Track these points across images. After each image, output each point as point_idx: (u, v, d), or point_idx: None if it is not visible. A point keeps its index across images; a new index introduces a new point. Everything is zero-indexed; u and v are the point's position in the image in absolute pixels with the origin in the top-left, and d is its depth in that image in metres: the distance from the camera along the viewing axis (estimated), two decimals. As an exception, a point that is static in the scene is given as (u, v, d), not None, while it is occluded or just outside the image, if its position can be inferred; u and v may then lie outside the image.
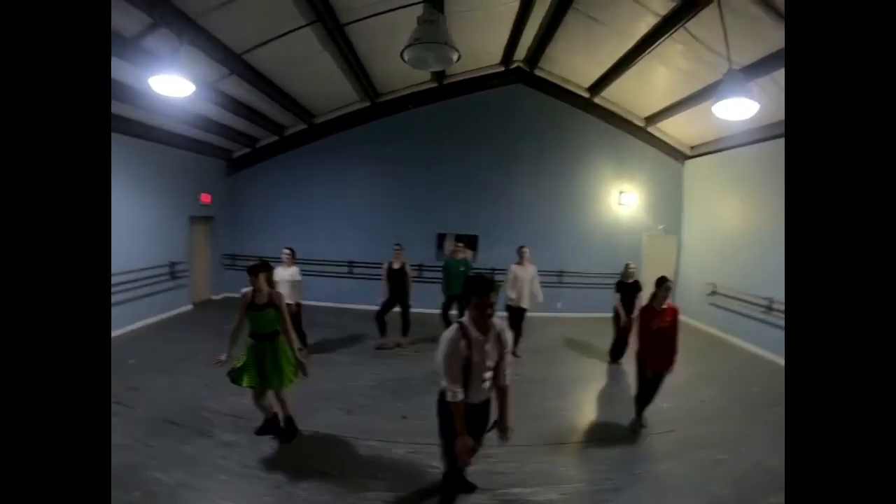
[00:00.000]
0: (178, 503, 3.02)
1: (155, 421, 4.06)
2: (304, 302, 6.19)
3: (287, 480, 3.34)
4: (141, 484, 3.15)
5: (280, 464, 3.53)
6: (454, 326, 2.57)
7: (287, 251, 5.99)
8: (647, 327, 4.20)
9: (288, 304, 4.42)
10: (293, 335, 3.81)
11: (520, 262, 6.33)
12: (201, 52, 4.96)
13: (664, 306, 4.20)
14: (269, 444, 3.81)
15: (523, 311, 6.32)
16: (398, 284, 6.48)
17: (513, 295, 6.22)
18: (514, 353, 6.09)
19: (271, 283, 3.85)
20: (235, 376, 3.62)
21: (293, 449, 3.79)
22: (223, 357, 3.50)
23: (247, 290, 3.62)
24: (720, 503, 3.28)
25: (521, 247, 6.40)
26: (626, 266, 6.36)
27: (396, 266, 6.50)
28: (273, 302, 3.64)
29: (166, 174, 7.52)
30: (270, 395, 3.79)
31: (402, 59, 3.97)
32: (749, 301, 7.53)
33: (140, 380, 4.92)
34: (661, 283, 4.22)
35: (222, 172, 9.38)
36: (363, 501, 3.17)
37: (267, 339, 3.64)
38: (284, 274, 5.77)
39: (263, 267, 3.69)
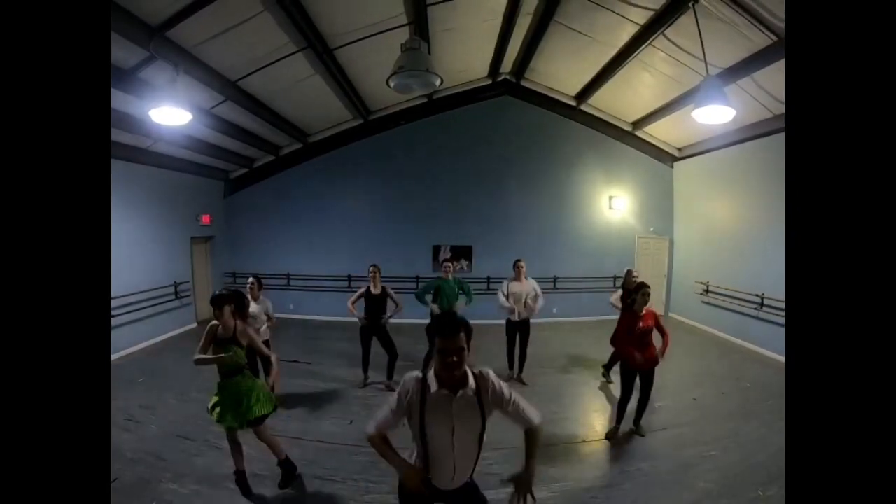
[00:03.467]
0: (191, 512, 3.19)
1: (167, 436, 4.24)
2: (301, 315, 6.05)
3: (294, 487, 3.53)
4: (156, 495, 3.33)
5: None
6: (413, 375, 1.91)
7: (251, 281, 4.97)
8: (632, 331, 4.28)
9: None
10: (270, 365, 3.49)
11: (516, 278, 5.69)
12: (197, 81, 5.18)
13: (644, 311, 4.30)
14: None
15: (525, 326, 5.77)
16: (378, 313, 5.51)
17: (512, 316, 5.69)
18: (520, 379, 5.84)
19: (245, 316, 3.47)
20: (211, 411, 3.35)
21: (299, 457, 3.91)
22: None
23: (215, 322, 3.28)
24: (705, 497, 3.41)
25: (518, 261, 5.74)
26: (629, 273, 6.18)
27: (376, 292, 5.51)
28: (236, 339, 3.27)
29: (167, 197, 7.75)
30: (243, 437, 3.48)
31: (388, 85, 4.18)
32: (741, 298, 7.69)
33: (151, 397, 5.11)
34: (640, 289, 4.30)
35: (221, 193, 9.62)
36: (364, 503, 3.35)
37: (230, 377, 3.29)
38: (253, 309, 4.65)
39: (229, 298, 3.29)
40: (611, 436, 4.45)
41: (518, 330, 5.79)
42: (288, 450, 3.93)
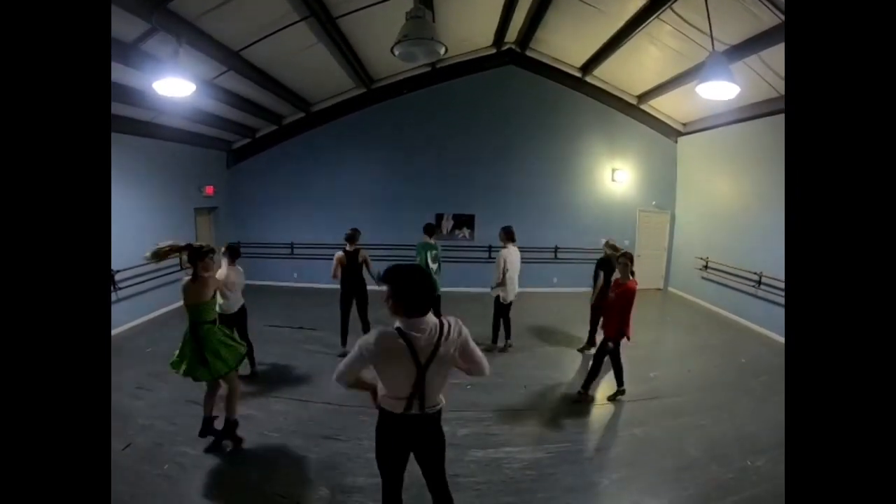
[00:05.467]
0: (204, 471, 3.35)
1: (177, 401, 4.38)
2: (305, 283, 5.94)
3: (301, 445, 3.71)
4: (169, 457, 3.49)
5: (294, 431, 3.90)
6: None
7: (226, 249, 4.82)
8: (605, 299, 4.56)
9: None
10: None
11: (507, 245, 5.70)
12: (200, 52, 5.12)
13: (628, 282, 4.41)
14: (281, 415, 4.16)
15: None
16: (352, 277, 5.63)
17: (505, 295, 5.69)
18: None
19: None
20: (175, 364, 3.50)
21: (305, 418, 4.14)
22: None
23: (187, 279, 3.44)
24: (695, 463, 3.55)
25: (508, 227, 5.76)
26: (606, 244, 5.94)
27: (350, 250, 5.62)
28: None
29: (170, 169, 7.74)
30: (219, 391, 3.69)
31: (393, 53, 4.16)
32: (739, 275, 7.74)
33: (159, 366, 5.12)
34: (620, 257, 4.48)
35: (223, 163, 9.59)
36: (369, 460, 3.45)
37: (197, 328, 3.43)
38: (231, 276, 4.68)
39: (209, 251, 3.54)
40: (611, 397, 4.68)
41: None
42: (295, 410, 4.22)
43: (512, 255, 5.68)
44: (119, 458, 3.34)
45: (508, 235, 5.74)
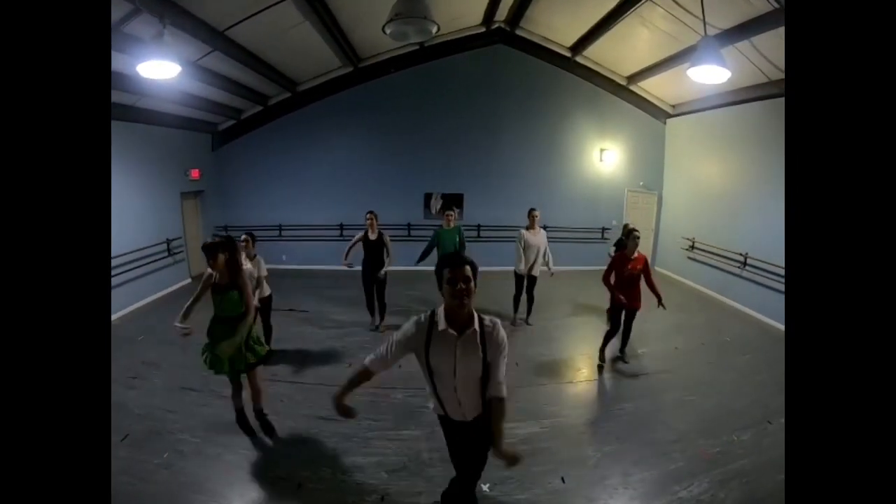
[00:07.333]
0: (203, 457, 3.37)
1: (172, 389, 4.37)
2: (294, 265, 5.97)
3: (300, 426, 3.76)
4: (168, 445, 3.48)
5: (291, 414, 3.93)
6: (422, 315, 2.03)
7: (245, 238, 4.71)
8: (620, 273, 4.68)
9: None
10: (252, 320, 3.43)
11: (530, 227, 5.97)
12: (184, 33, 4.96)
13: (635, 255, 4.67)
14: (278, 398, 4.18)
15: (534, 279, 6.10)
16: (375, 258, 5.71)
17: (521, 264, 5.92)
18: (526, 321, 6.28)
19: (237, 262, 3.37)
20: (212, 364, 3.38)
21: (302, 400, 4.17)
22: (181, 326, 3.23)
23: (210, 271, 3.32)
24: (684, 437, 3.69)
25: (532, 210, 6.03)
26: (625, 226, 6.21)
27: (373, 237, 5.68)
28: (236, 283, 3.30)
29: (155, 153, 7.55)
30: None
31: (384, 32, 4.10)
32: (725, 256, 7.86)
33: (152, 354, 5.16)
34: (630, 233, 4.67)
35: (208, 146, 9.39)
36: (367, 439, 3.62)
37: (227, 323, 3.31)
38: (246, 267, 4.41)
39: (223, 246, 3.29)
40: (601, 370, 4.94)
41: (531, 283, 6.12)
42: (291, 393, 4.27)
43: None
44: (118, 449, 3.33)
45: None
